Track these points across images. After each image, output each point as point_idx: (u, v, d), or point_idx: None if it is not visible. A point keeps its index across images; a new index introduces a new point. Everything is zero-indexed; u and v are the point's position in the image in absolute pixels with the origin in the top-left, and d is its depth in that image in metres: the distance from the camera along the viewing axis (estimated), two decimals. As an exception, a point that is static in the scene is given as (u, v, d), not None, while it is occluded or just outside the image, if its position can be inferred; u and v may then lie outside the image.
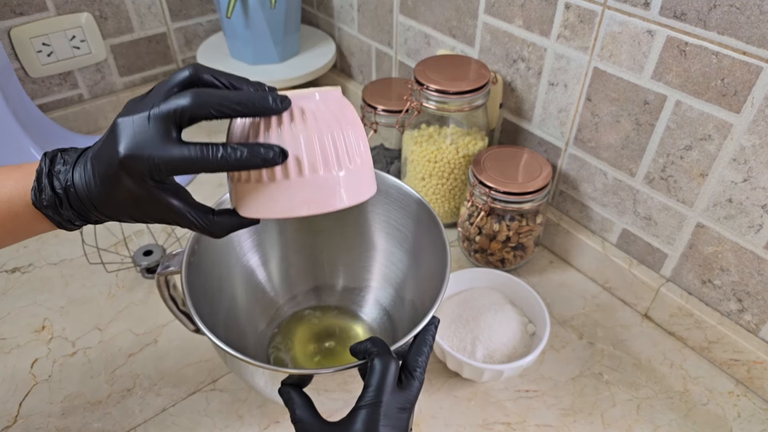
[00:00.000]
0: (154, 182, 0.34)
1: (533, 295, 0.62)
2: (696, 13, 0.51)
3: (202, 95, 0.33)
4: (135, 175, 0.33)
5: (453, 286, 0.65)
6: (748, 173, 0.54)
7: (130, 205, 0.35)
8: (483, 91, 0.68)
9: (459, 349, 0.58)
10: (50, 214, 0.36)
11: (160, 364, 0.63)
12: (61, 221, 0.37)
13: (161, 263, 0.50)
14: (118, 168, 0.33)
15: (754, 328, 0.60)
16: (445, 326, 0.60)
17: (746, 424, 0.57)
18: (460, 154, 0.72)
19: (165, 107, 0.32)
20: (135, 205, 0.35)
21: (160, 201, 0.34)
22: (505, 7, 0.68)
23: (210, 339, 0.42)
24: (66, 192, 0.36)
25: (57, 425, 0.57)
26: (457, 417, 0.58)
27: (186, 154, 0.32)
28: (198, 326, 0.44)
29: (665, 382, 0.61)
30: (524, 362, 0.55)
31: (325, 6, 1.03)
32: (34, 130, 0.81)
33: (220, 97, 0.33)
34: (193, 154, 0.32)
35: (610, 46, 0.59)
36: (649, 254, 0.67)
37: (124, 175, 0.33)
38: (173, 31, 1.04)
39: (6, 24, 0.87)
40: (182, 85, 0.34)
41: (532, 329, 0.61)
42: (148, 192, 0.34)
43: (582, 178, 0.70)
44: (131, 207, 0.35)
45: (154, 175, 0.33)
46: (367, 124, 0.81)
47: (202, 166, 0.33)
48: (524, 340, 0.60)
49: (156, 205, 0.35)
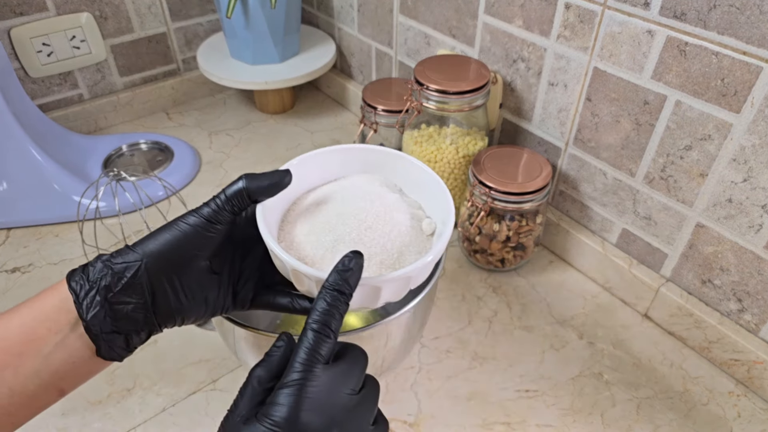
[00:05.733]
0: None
1: (435, 180, 0.42)
2: (696, 13, 0.51)
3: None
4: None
5: (316, 177, 0.43)
6: (748, 173, 0.54)
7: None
8: (483, 91, 0.68)
9: (312, 260, 0.37)
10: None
11: (160, 364, 0.63)
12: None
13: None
14: None
15: (754, 328, 0.60)
16: (302, 234, 0.39)
17: (746, 424, 0.57)
18: (460, 154, 0.72)
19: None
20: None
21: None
22: (505, 7, 0.68)
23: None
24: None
25: (57, 425, 0.57)
26: (457, 417, 0.58)
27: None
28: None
29: (665, 382, 0.61)
30: (409, 270, 0.36)
31: (325, 6, 1.03)
32: (34, 130, 0.81)
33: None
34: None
35: (610, 46, 0.59)
36: (649, 254, 0.67)
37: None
38: (173, 31, 1.04)
39: (6, 24, 0.87)
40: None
41: (430, 226, 0.41)
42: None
43: (582, 178, 0.70)
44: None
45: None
46: (367, 124, 0.81)
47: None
48: (417, 241, 0.39)
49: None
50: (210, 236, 0.35)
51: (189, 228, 0.35)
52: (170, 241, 0.34)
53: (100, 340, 0.33)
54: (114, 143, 0.94)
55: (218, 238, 0.36)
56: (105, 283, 0.33)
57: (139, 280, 0.33)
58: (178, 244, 0.34)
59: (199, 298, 0.36)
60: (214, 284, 0.37)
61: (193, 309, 0.36)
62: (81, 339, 0.33)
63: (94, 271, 0.33)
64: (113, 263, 0.33)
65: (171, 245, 0.34)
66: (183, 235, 0.34)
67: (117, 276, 0.33)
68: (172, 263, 0.34)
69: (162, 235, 0.34)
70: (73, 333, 0.33)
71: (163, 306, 0.35)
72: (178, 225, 0.35)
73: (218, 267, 0.37)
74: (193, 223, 0.35)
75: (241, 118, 1.06)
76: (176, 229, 0.34)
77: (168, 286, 0.34)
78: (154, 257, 0.34)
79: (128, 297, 0.33)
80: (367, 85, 0.84)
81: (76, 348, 0.33)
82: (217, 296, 0.37)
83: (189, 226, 0.35)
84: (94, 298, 0.33)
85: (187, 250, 0.35)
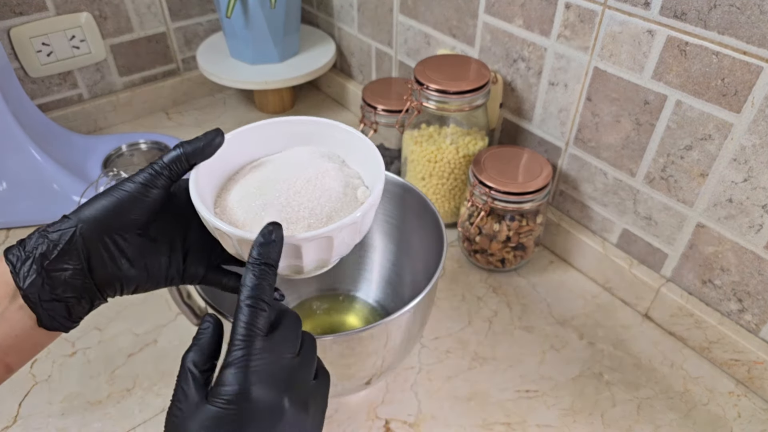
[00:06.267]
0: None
1: (369, 146, 0.42)
2: (696, 13, 0.51)
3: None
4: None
5: (256, 150, 0.43)
6: (748, 173, 0.54)
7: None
8: (483, 90, 0.68)
9: (242, 223, 0.38)
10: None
11: (160, 364, 0.63)
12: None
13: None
14: None
15: (755, 328, 0.60)
16: (234, 200, 0.40)
17: (746, 425, 0.57)
18: (460, 154, 0.72)
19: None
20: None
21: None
22: (505, 7, 0.68)
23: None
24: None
25: (57, 425, 0.57)
26: (457, 417, 0.58)
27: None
28: (206, 301, 0.45)
29: (665, 382, 0.61)
30: (334, 227, 0.36)
31: (325, 6, 1.03)
32: (34, 130, 0.81)
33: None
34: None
35: (611, 46, 0.59)
36: (650, 254, 0.67)
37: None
38: (173, 30, 1.04)
39: (6, 24, 0.87)
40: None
41: (365, 194, 0.40)
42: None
43: (582, 178, 0.70)
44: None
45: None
46: (367, 124, 0.81)
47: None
48: (350, 208, 0.39)
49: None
50: (146, 200, 0.35)
51: (125, 194, 0.35)
52: (105, 206, 0.34)
53: (39, 309, 0.33)
54: (113, 143, 0.94)
55: (155, 204, 0.36)
56: (41, 251, 0.33)
57: (75, 246, 0.33)
58: (114, 209, 0.34)
59: (138, 265, 0.36)
60: (154, 252, 0.37)
61: (132, 276, 0.36)
62: (21, 310, 0.33)
63: (31, 243, 0.34)
64: (48, 232, 0.34)
65: (106, 210, 0.34)
66: (118, 200, 0.35)
67: (52, 244, 0.33)
68: (108, 227, 0.34)
69: (98, 201, 0.35)
70: (13, 305, 0.33)
71: (100, 271, 0.35)
72: (114, 191, 0.35)
73: (157, 234, 0.37)
74: (129, 188, 0.35)
75: (240, 118, 1.06)
76: (112, 195, 0.35)
77: (104, 250, 0.35)
78: (89, 222, 0.34)
79: (64, 263, 0.33)
80: (367, 85, 0.84)
81: (17, 320, 0.33)
82: (159, 265, 0.38)
83: (125, 191, 0.35)
84: (31, 266, 0.33)
85: (123, 215, 0.35)
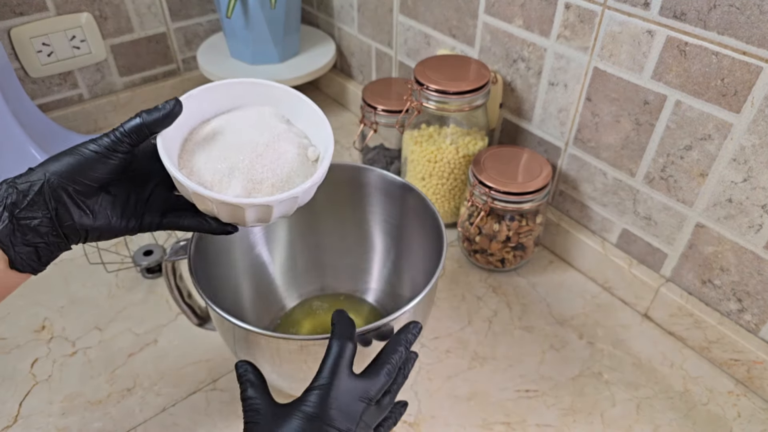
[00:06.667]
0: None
1: (315, 110, 0.47)
2: (696, 13, 0.51)
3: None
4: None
5: (209, 109, 0.47)
6: (748, 173, 0.54)
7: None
8: (483, 91, 0.68)
9: (210, 184, 0.43)
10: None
11: (160, 364, 0.63)
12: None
13: (170, 249, 0.52)
14: None
15: (754, 328, 0.60)
16: (201, 162, 0.44)
17: (746, 424, 0.57)
18: (460, 154, 0.72)
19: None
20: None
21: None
22: (505, 7, 0.68)
23: (215, 310, 0.45)
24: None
25: (57, 425, 0.57)
26: (457, 417, 0.58)
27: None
28: (206, 301, 0.45)
29: (665, 381, 0.61)
30: (298, 191, 0.42)
31: (325, 6, 1.03)
32: (34, 130, 0.81)
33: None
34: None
35: (610, 46, 0.59)
36: (649, 254, 0.67)
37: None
38: (173, 31, 1.04)
39: (6, 24, 0.87)
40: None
41: (314, 153, 0.46)
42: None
43: (582, 178, 0.70)
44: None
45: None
46: (367, 124, 0.81)
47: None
48: (304, 168, 0.45)
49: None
50: (109, 163, 0.38)
51: (90, 153, 0.38)
52: (72, 163, 0.37)
53: (10, 251, 0.36)
54: (114, 143, 0.94)
55: (115, 167, 0.39)
56: (11, 200, 0.36)
57: (43, 196, 0.36)
58: (79, 167, 0.37)
59: (100, 217, 0.40)
60: (114, 206, 0.41)
61: (95, 226, 0.39)
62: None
63: (0, 193, 0.36)
64: (17, 183, 0.36)
65: (72, 166, 0.37)
66: (83, 158, 0.37)
67: (22, 194, 0.36)
68: (72, 181, 0.37)
69: (64, 158, 0.37)
70: None
71: (66, 220, 0.38)
72: (80, 150, 0.38)
73: (117, 191, 0.41)
74: (93, 149, 0.38)
75: (241, 118, 1.06)
76: (78, 153, 0.38)
77: (70, 201, 0.37)
78: (56, 175, 0.37)
79: (33, 212, 0.36)
80: (367, 85, 0.84)
81: None
82: (118, 217, 0.41)
83: (90, 151, 0.38)
84: (2, 214, 0.35)
85: (86, 173, 0.38)
